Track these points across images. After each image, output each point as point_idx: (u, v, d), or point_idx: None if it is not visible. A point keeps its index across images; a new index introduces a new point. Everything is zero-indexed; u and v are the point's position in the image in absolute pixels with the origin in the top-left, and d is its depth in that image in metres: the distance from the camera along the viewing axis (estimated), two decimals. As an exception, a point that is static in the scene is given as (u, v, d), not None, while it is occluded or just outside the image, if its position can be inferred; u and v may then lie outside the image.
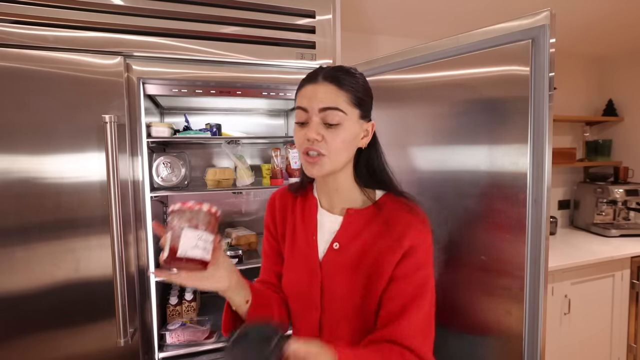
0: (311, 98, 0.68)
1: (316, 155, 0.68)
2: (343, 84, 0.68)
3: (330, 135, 0.67)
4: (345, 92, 0.68)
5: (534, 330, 0.83)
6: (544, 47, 0.79)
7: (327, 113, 0.67)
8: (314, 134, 0.66)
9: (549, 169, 0.80)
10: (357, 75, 0.71)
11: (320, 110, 0.67)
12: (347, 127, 0.68)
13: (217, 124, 1.58)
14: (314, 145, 0.67)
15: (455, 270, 1.00)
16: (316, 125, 0.67)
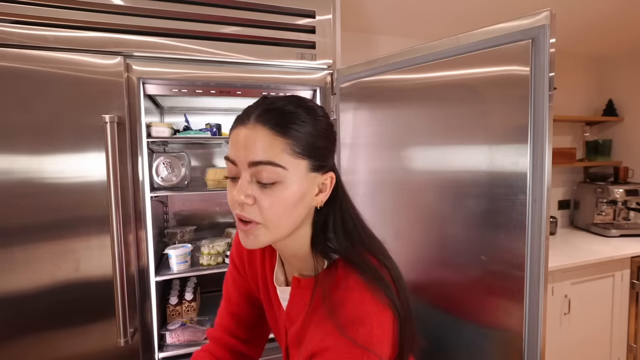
0: (238, 147, 0.52)
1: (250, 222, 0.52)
2: (281, 127, 0.50)
3: (264, 198, 0.51)
4: (285, 138, 0.51)
5: (534, 330, 0.83)
6: (544, 47, 0.79)
7: (258, 169, 0.50)
8: (242, 198, 0.51)
9: (549, 169, 0.80)
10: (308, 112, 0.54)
11: (250, 164, 0.51)
12: (288, 186, 0.51)
13: (217, 124, 1.58)
14: (244, 210, 0.52)
15: (455, 270, 1.00)
16: (245, 185, 0.51)
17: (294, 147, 0.51)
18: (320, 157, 0.55)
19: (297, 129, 0.51)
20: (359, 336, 0.49)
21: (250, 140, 0.50)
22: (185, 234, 1.60)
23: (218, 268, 1.39)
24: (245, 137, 0.51)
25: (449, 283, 1.01)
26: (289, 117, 0.52)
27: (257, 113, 0.52)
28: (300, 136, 0.52)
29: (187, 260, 1.38)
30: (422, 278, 1.08)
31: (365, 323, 0.51)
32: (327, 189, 0.57)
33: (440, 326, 1.04)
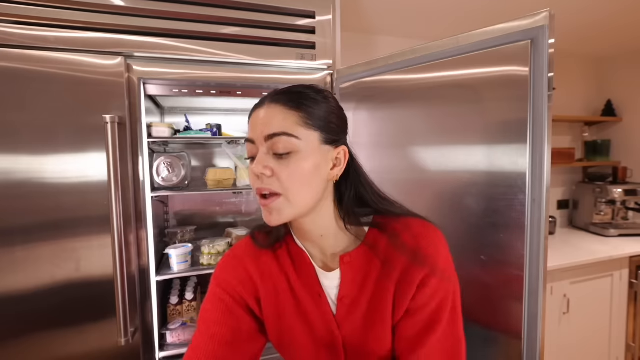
0: (256, 126, 0.55)
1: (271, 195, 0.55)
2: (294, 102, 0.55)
3: (281, 169, 0.53)
4: (297, 111, 0.55)
5: (533, 330, 0.84)
6: (543, 48, 0.79)
7: (274, 141, 0.53)
8: (260, 168, 0.53)
9: (548, 169, 0.80)
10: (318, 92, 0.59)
11: (266, 138, 0.54)
12: (303, 156, 0.54)
13: (218, 124, 1.58)
14: (264, 183, 0.54)
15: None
16: (263, 157, 0.54)
17: (306, 119, 0.55)
18: (332, 131, 0.58)
19: (309, 104, 0.56)
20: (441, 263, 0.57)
21: (267, 118, 0.55)
22: (186, 234, 1.60)
23: (218, 268, 1.39)
24: (262, 116, 0.55)
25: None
26: (301, 95, 0.57)
27: (272, 95, 0.57)
28: (311, 111, 0.56)
29: (188, 260, 1.39)
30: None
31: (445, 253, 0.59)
32: (341, 163, 0.59)
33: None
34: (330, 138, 0.58)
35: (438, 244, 0.59)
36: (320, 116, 0.56)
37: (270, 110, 0.55)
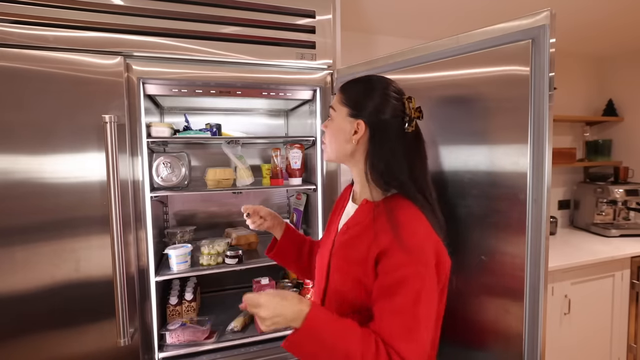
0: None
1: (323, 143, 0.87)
2: (341, 88, 0.83)
3: (328, 127, 0.85)
4: (340, 93, 0.83)
5: (534, 330, 0.83)
6: (544, 47, 0.79)
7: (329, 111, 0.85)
8: (322, 125, 0.87)
9: (549, 169, 0.80)
10: (359, 79, 0.83)
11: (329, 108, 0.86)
12: (335, 122, 0.82)
13: (217, 124, 1.58)
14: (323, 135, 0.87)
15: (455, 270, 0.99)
16: (327, 119, 0.86)
17: (342, 99, 0.82)
18: (356, 107, 0.80)
19: (347, 88, 0.83)
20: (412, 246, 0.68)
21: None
22: (185, 234, 1.60)
23: (218, 268, 1.39)
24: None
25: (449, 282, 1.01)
26: (348, 82, 0.84)
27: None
28: (347, 94, 0.82)
29: (187, 260, 1.38)
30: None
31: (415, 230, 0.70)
32: (360, 131, 0.79)
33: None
34: (353, 112, 0.80)
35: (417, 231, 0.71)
36: (351, 97, 0.81)
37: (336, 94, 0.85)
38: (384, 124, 0.77)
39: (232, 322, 1.42)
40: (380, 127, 0.78)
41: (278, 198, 1.93)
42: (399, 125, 0.77)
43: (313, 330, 0.64)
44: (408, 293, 0.65)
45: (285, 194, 1.93)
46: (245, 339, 1.37)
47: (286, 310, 0.65)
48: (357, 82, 0.82)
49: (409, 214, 0.72)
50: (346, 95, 0.81)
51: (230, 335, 1.39)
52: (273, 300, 0.66)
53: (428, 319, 0.67)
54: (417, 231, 0.70)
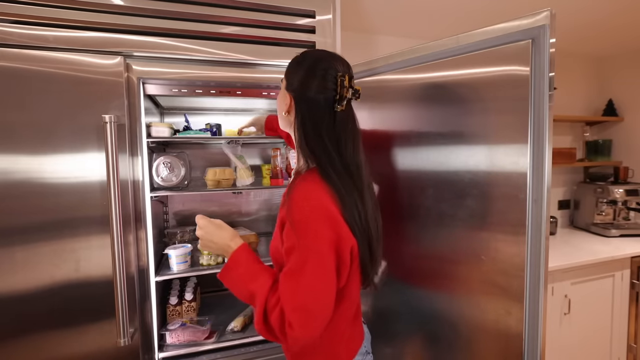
0: None
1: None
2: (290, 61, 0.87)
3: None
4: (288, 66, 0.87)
5: (534, 330, 0.83)
6: (544, 47, 0.79)
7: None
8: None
9: (549, 169, 0.80)
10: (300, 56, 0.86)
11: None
12: (279, 94, 0.89)
13: (217, 124, 1.58)
14: None
15: (455, 270, 1.00)
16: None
17: (286, 72, 0.87)
18: (289, 82, 0.85)
19: (291, 64, 0.86)
20: (297, 220, 0.71)
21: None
22: (185, 234, 1.60)
23: (218, 268, 1.39)
24: None
25: (449, 283, 1.01)
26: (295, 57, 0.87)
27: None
28: (289, 67, 0.86)
29: (187, 260, 1.38)
30: (422, 278, 1.08)
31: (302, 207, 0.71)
32: (287, 103, 0.84)
33: (440, 325, 1.04)
34: (288, 87, 0.85)
35: (304, 207, 0.72)
36: (289, 72, 0.86)
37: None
38: (307, 99, 0.80)
39: (232, 322, 1.42)
40: (304, 101, 0.81)
41: (278, 198, 1.93)
42: (325, 102, 0.79)
43: (232, 267, 0.78)
44: (295, 262, 0.70)
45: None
46: (245, 339, 1.37)
47: (217, 239, 0.83)
48: (296, 58, 0.86)
49: (307, 188, 0.74)
50: (287, 70, 0.86)
51: (230, 335, 1.39)
52: (210, 226, 0.84)
53: (313, 288, 0.69)
54: (304, 206, 0.71)
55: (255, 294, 0.73)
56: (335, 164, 0.77)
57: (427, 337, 1.09)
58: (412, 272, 1.11)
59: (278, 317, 0.68)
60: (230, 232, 0.84)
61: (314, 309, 0.69)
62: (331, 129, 0.79)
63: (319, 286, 0.69)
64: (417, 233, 1.09)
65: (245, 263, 0.78)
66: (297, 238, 0.70)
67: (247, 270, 0.77)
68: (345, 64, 0.84)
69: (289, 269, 0.70)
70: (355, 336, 0.88)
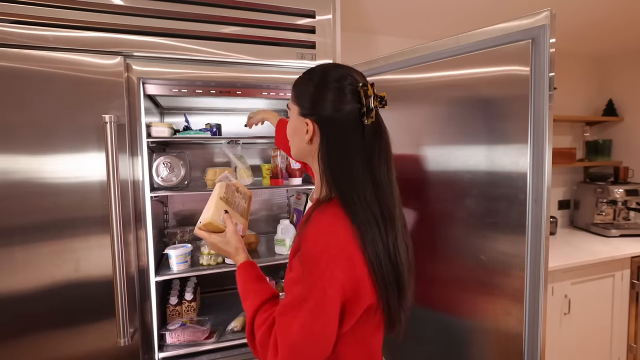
0: None
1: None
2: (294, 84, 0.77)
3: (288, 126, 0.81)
4: (292, 90, 0.77)
5: (534, 330, 0.83)
6: (544, 47, 0.79)
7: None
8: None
9: (549, 169, 0.80)
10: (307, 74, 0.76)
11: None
12: (291, 121, 0.78)
13: (217, 124, 1.58)
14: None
15: (455, 270, 1.00)
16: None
17: (294, 96, 0.76)
18: (303, 107, 0.74)
19: (297, 86, 0.76)
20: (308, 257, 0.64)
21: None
22: (185, 234, 1.60)
23: (218, 268, 1.39)
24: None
25: (449, 283, 1.01)
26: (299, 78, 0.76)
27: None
28: (297, 91, 0.76)
29: (187, 260, 1.38)
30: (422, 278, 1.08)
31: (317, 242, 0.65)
32: (310, 130, 0.72)
33: (440, 326, 1.04)
34: (303, 111, 0.74)
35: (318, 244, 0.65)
36: (299, 94, 0.75)
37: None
38: (332, 120, 0.70)
39: (232, 322, 1.42)
40: (327, 122, 0.71)
41: (278, 198, 1.93)
42: (354, 119, 0.69)
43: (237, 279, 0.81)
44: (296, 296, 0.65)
45: (285, 194, 1.93)
46: (245, 339, 1.37)
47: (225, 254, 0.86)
48: (302, 76, 0.76)
49: (323, 223, 0.66)
50: (295, 92, 0.76)
51: (230, 335, 1.39)
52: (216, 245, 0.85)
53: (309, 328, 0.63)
54: (318, 243, 0.64)
55: (246, 310, 0.76)
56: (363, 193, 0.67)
57: (427, 338, 1.09)
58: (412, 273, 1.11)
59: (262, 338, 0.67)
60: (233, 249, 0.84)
61: (304, 348, 0.64)
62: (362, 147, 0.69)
63: (314, 328, 0.63)
64: (415, 233, 1.09)
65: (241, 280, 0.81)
66: (303, 273, 0.64)
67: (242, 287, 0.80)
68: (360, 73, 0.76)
69: (289, 302, 0.65)
70: None
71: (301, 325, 0.63)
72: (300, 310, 0.63)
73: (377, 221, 0.66)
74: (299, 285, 0.65)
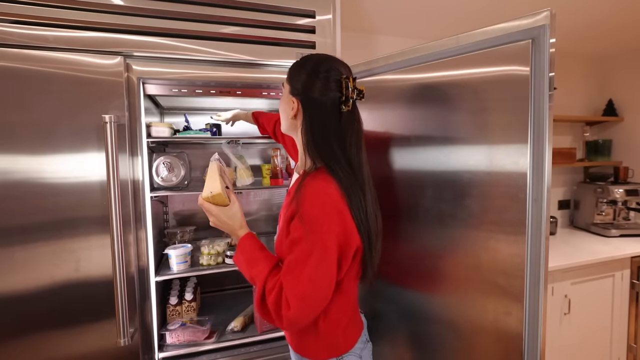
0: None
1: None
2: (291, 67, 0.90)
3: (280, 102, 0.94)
4: (288, 71, 0.90)
5: (534, 330, 0.83)
6: (544, 47, 0.79)
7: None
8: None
9: (549, 169, 0.80)
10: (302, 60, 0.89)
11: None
12: (282, 99, 0.92)
13: (217, 124, 1.57)
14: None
15: (455, 270, 0.99)
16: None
17: (288, 77, 0.89)
18: (294, 87, 0.87)
19: (291, 68, 0.89)
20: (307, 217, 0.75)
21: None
22: (185, 234, 1.60)
23: (218, 268, 1.39)
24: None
25: (449, 283, 1.01)
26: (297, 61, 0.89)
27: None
28: (290, 72, 0.89)
29: (187, 260, 1.38)
30: (421, 278, 1.08)
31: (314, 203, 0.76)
32: (295, 108, 0.87)
33: (440, 325, 1.04)
34: (292, 90, 0.88)
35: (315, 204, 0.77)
36: (290, 76, 0.89)
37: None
38: (313, 101, 0.84)
39: (232, 322, 1.42)
40: (310, 104, 0.84)
41: (278, 198, 1.93)
42: (332, 104, 0.83)
43: (238, 253, 0.86)
44: (300, 253, 0.75)
45: (285, 194, 1.93)
46: (245, 339, 1.37)
47: (228, 228, 0.89)
48: (297, 62, 0.89)
49: (318, 185, 0.78)
50: (289, 74, 0.89)
51: (230, 335, 1.39)
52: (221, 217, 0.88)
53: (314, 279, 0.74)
54: (315, 204, 0.76)
55: (255, 277, 0.81)
56: (342, 163, 0.82)
57: (427, 338, 1.09)
58: (412, 273, 1.11)
59: (274, 300, 0.74)
60: (238, 222, 0.89)
61: (313, 297, 0.74)
62: (337, 129, 0.84)
63: (320, 277, 0.75)
64: (416, 233, 1.09)
65: (248, 250, 0.85)
66: (305, 231, 0.75)
67: (249, 256, 0.84)
68: (346, 66, 0.89)
69: (294, 258, 0.75)
70: (354, 326, 0.93)
71: (309, 276, 0.73)
72: (306, 264, 0.74)
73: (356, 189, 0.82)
74: (302, 243, 0.75)
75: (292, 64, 0.90)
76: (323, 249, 0.75)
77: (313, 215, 0.75)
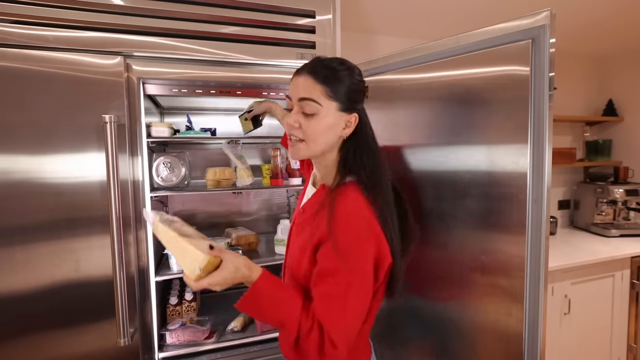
0: (293, 88, 0.76)
1: (296, 140, 0.76)
2: (321, 78, 0.73)
3: (306, 124, 0.74)
4: (322, 85, 0.72)
5: (534, 330, 0.83)
6: (544, 47, 0.79)
7: (303, 103, 0.74)
8: (292, 121, 0.75)
9: (549, 169, 0.80)
10: (342, 70, 0.74)
11: (298, 99, 0.74)
12: (322, 118, 0.73)
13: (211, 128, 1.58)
14: (292, 130, 0.76)
15: (455, 270, 0.99)
16: (295, 114, 0.75)
17: (327, 92, 0.73)
18: (348, 102, 0.75)
19: (333, 81, 0.73)
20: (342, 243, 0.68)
21: (301, 84, 0.74)
22: (185, 234, 1.60)
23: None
24: (299, 82, 0.74)
25: (449, 283, 1.01)
26: (328, 72, 0.73)
27: (310, 66, 0.74)
28: (334, 86, 0.73)
29: (187, 260, 1.38)
30: (422, 278, 1.08)
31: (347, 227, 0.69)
32: (351, 125, 0.76)
33: (440, 325, 1.04)
34: (346, 107, 0.75)
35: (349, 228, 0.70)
36: (340, 90, 0.73)
37: (305, 79, 0.73)
38: (364, 113, 0.79)
39: (232, 322, 1.42)
40: (363, 115, 0.79)
41: (278, 198, 1.93)
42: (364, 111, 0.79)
43: (255, 298, 0.70)
44: (336, 285, 0.68)
45: (285, 194, 1.93)
46: (245, 339, 1.37)
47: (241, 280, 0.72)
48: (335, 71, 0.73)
49: (349, 206, 0.71)
50: (331, 88, 0.73)
51: (230, 335, 1.39)
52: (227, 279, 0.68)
53: (356, 310, 0.70)
54: (349, 228, 0.69)
55: (284, 321, 0.70)
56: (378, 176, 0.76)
57: (426, 338, 1.09)
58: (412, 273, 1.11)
59: (317, 341, 0.67)
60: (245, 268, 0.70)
61: (355, 327, 0.70)
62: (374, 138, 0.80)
63: (360, 306, 0.70)
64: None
65: (268, 292, 0.71)
66: (340, 261, 0.68)
67: (271, 297, 0.71)
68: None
69: (330, 292, 0.68)
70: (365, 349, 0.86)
71: (352, 309, 0.68)
72: (347, 296, 0.68)
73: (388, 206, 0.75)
74: (338, 274, 0.68)
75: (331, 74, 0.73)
76: (362, 274, 0.69)
77: (347, 242, 0.68)
